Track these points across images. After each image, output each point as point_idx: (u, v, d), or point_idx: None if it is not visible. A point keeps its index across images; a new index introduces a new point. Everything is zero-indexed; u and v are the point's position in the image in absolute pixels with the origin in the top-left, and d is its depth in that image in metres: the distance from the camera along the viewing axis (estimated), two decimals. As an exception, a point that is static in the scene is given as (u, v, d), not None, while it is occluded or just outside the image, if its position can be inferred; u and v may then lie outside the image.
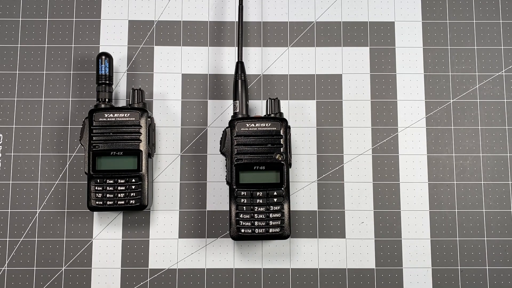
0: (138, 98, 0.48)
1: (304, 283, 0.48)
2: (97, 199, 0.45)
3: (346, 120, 0.51)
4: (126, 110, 0.47)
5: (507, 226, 0.49)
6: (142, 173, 0.46)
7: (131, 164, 0.46)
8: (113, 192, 0.46)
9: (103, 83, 0.48)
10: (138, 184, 0.46)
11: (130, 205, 0.45)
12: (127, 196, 0.46)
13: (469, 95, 0.51)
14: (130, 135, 0.46)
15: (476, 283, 0.48)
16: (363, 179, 0.50)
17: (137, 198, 0.46)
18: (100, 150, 0.46)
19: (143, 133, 0.46)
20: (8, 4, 0.52)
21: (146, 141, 0.46)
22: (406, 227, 0.49)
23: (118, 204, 0.45)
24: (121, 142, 0.46)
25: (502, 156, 0.50)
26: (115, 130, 0.46)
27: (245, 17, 0.52)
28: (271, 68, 0.52)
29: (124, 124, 0.46)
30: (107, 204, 0.45)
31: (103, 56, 0.48)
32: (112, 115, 0.46)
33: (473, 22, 0.52)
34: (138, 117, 0.46)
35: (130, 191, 0.46)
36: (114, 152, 0.46)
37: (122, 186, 0.46)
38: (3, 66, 0.51)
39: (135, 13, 0.52)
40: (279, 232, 0.45)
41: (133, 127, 0.46)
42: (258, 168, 0.45)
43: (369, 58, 0.52)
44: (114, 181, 0.46)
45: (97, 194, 0.45)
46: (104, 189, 0.46)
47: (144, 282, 0.48)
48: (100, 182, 0.46)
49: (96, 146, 0.46)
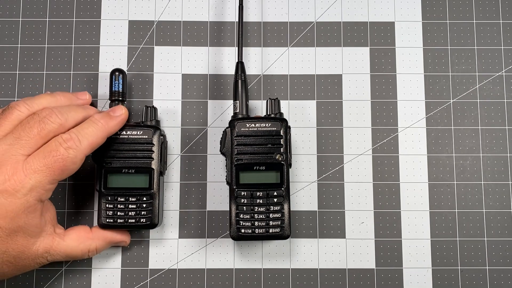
0: (151, 115, 0.48)
1: (304, 283, 0.48)
2: (108, 217, 0.45)
3: (346, 120, 0.51)
4: (139, 127, 0.46)
5: (507, 226, 0.49)
6: (154, 191, 0.46)
7: (142, 182, 0.46)
8: (124, 210, 0.45)
9: (116, 100, 0.47)
10: (149, 202, 0.45)
11: (140, 224, 0.45)
12: (137, 214, 0.45)
13: (469, 95, 0.51)
14: (142, 153, 0.46)
15: (476, 283, 0.49)
16: (363, 179, 0.50)
17: (147, 217, 0.45)
18: (112, 168, 0.45)
19: (155, 151, 0.46)
20: (8, 4, 0.52)
21: (158, 159, 0.46)
22: (406, 227, 0.49)
23: (129, 222, 0.45)
24: (133, 160, 0.46)
25: (502, 156, 0.50)
26: (128, 147, 0.46)
27: (245, 17, 0.52)
28: (271, 68, 0.52)
29: (137, 142, 0.46)
30: (117, 222, 0.45)
31: (116, 72, 0.48)
32: (125, 133, 0.46)
33: (473, 22, 0.52)
34: (151, 135, 0.46)
35: (141, 209, 0.45)
36: (126, 169, 0.46)
37: (133, 204, 0.45)
38: (3, 66, 0.51)
39: (135, 13, 0.52)
40: (279, 232, 0.45)
41: (145, 145, 0.46)
42: (258, 168, 0.45)
43: (369, 58, 0.52)
44: (125, 199, 0.45)
45: (108, 211, 0.45)
46: (115, 206, 0.45)
47: (144, 282, 0.48)
48: (111, 199, 0.45)
49: (108, 163, 0.46)
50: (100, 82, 0.51)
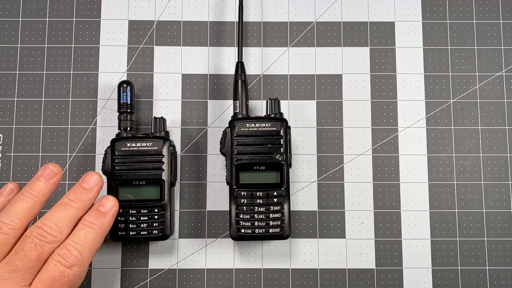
0: (160, 126, 0.48)
1: (304, 283, 0.48)
2: (120, 229, 0.45)
3: (346, 120, 0.51)
4: (148, 139, 0.46)
5: (507, 226, 0.49)
6: (165, 202, 0.46)
7: (153, 194, 0.46)
8: (136, 222, 0.45)
9: (124, 112, 0.47)
10: (160, 214, 0.45)
11: (153, 235, 0.45)
12: (149, 226, 0.45)
13: (469, 95, 0.51)
14: (152, 164, 0.46)
15: (476, 283, 0.48)
16: (363, 179, 0.50)
17: (159, 228, 0.45)
18: (122, 180, 0.45)
19: (165, 162, 0.46)
20: (8, 4, 0.52)
21: (169, 170, 0.46)
22: (406, 227, 0.49)
23: (141, 234, 0.45)
24: (144, 172, 0.46)
25: (502, 156, 0.50)
26: (138, 159, 0.46)
27: (245, 17, 0.52)
28: (271, 68, 0.52)
29: (147, 153, 0.46)
30: (130, 234, 0.45)
31: (124, 84, 0.48)
32: (135, 145, 0.46)
33: (473, 22, 0.52)
34: (161, 146, 0.46)
35: (153, 221, 0.45)
36: (136, 181, 0.46)
37: (144, 216, 0.45)
38: (3, 66, 0.51)
39: (135, 13, 0.52)
40: (279, 232, 0.45)
41: (155, 156, 0.46)
42: (258, 168, 0.45)
43: (369, 58, 0.52)
44: (137, 211, 0.45)
45: (120, 224, 0.45)
46: (126, 219, 0.45)
47: (144, 282, 0.48)
48: (122, 212, 0.45)
49: (119, 175, 0.45)
50: (100, 82, 0.51)
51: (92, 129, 0.50)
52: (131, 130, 0.48)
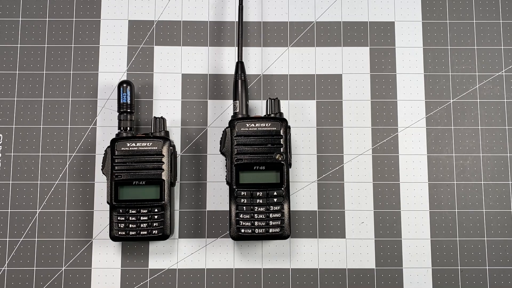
0: (160, 126, 0.48)
1: (304, 283, 0.48)
2: (120, 229, 0.45)
3: (346, 120, 0.51)
4: (148, 139, 0.46)
5: (507, 226, 0.49)
6: (165, 202, 0.46)
7: (153, 194, 0.46)
8: (136, 222, 0.45)
9: (124, 112, 0.47)
10: (160, 213, 0.46)
11: (152, 235, 0.45)
12: (149, 226, 0.45)
13: (469, 95, 0.51)
14: (152, 164, 0.46)
15: (476, 283, 0.48)
16: (363, 179, 0.50)
17: (159, 228, 0.45)
18: (122, 180, 0.45)
19: (165, 162, 0.46)
20: (8, 4, 0.52)
21: (169, 170, 0.46)
22: (406, 227, 0.49)
23: (141, 234, 0.45)
24: (144, 172, 0.46)
25: (502, 156, 0.50)
26: (138, 159, 0.46)
27: (245, 17, 0.52)
28: (271, 68, 0.52)
29: (147, 153, 0.46)
30: (129, 234, 0.45)
31: (124, 84, 0.48)
32: (134, 144, 0.46)
33: (473, 22, 0.52)
34: (161, 146, 0.46)
35: (153, 221, 0.45)
36: (136, 181, 0.46)
37: (144, 216, 0.45)
38: (3, 66, 0.51)
39: (135, 13, 0.52)
40: (279, 232, 0.45)
41: (155, 156, 0.46)
42: (258, 168, 0.45)
43: (369, 58, 0.52)
44: (137, 211, 0.45)
45: (120, 224, 0.45)
46: (126, 219, 0.45)
47: (144, 282, 0.48)
48: (122, 212, 0.45)
49: (119, 175, 0.45)
50: (100, 82, 0.51)
51: (92, 129, 0.50)
52: (131, 130, 0.48)
